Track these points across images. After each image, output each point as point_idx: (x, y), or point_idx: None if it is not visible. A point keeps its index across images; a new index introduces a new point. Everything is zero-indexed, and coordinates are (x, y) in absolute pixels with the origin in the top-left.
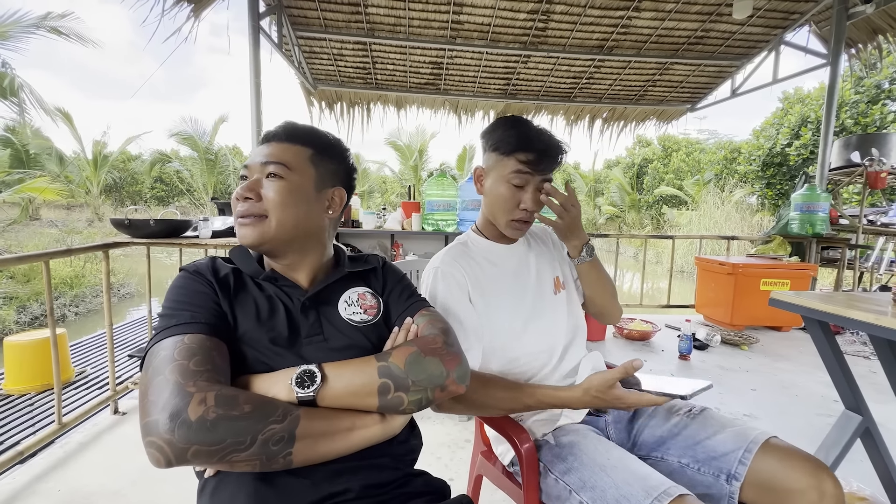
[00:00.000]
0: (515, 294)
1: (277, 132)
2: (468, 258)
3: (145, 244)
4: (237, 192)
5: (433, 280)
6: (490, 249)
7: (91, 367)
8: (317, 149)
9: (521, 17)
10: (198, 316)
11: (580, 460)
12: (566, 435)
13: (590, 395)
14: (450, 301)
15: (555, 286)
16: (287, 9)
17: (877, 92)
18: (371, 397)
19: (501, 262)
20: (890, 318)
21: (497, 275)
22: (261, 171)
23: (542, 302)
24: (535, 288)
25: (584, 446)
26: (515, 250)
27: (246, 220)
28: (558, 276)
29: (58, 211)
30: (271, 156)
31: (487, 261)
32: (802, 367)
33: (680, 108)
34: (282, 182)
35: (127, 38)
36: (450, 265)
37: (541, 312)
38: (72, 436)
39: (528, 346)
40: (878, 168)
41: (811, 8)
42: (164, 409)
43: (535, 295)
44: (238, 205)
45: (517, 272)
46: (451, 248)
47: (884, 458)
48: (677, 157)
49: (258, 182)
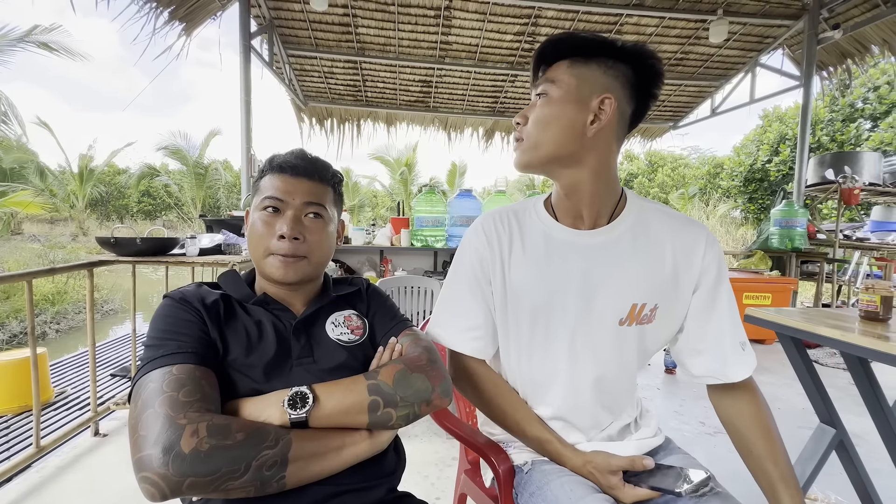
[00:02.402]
0: (541, 297)
1: (309, 169)
2: (505, 229)
3: (131, 262)
4: (286, 230)
5: (459, 248)
6: (550, 229)
7: (72, 387)
8: (335, 189)
9: (508, 39)
10: (185, 345)
11: (544, 496)
12: (543, 466)
13: (586, 470)
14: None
15: (629, 315)
16: (278, 28)
17: (850, 111)
18: (361, 415)
19: (543, 247)
20: (856, 335)
21: (526, 262)
22: (300, 209)
23: (588, 325)
24: (593, 303)
25: (551, 482)
26: (579, 239)
27: (290, 260)
28: (644, 304)
29: (41, 225)
30: (314, 196)
31: (523, 240)
32: (785, 380)
33: (663, 125)
34: (321, 223)
35: (114, 52)
36: (478, 235)
37: (572, 337)
38: (49, 459)
39: (532, 372)
40: (850, 185)
41: (783, 33)
42: (157, 444)
43: (579, 310)
44: (284, 244)
45: (559, 270)
46: (495, 213)
47: (858, 470)
48: (662, 171)
49: (299, 220)
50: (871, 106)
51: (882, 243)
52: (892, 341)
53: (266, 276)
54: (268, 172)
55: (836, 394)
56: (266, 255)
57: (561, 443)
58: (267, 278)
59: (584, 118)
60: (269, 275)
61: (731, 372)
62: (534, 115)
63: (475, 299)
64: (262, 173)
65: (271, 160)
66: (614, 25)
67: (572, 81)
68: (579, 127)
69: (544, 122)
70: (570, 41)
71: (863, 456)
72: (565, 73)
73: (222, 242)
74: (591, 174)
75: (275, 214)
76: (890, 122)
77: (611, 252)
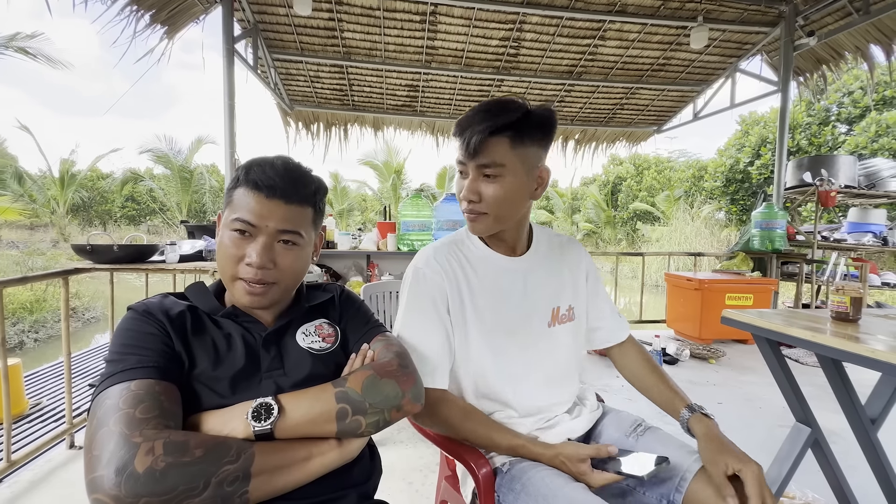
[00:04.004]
0: (499, 316)
1: (287, 190)
2: (454, 262)
3: (108, 270)
4: (255, 259)
5: (412, 280)
6: (484, 257)
7: (48, 398)
8: (316, 207)
9: (494, 44)
10: (145, 360)
11: (526, 490)
12: (522, 462)
13: (558, 461)
14: (422, 309)
15: (552, 317)
16: (263, 32)
17: (826, 115)
18: (329, 424)
19: (493, 273)
20: (827, 336)
21: (484, 286)
22: (273, 235)
23: (529, 332)
24: (527, 313)
25: (531, 476)
26: (516, 264)
27: (258, 288)
28: (559, 307)
29: (20, 231)
30: (290, 223)
31: (476, 269)
32: (766, 380)
33: (647, 129)
34: (295, 249)
35: (93, 53)
36: (433, 268)
37: (525, 344)
38: (21, 474)
39: (497, 376)
40: (827, 188)
41: (761, 39)
42: (110, 464)
43: (524, 321)
44: (251, 270)
45: (509, 289)
46: (439, 248)
47: (833, 467)
48: (649, 174)
49: (271, 248)
50: (847, 110)
51: (858, 244)
52: (862, 342)
53: (234, 299)
54: (242, 184)
55: (814, 392)
56: (233, 279)
57: (531, 443)
58: (235, 302)
59: (531, 188)
60: (236, 299)
61: (620, 335)
62: (491, 194)
63: (437, 331)
64: (237, 182)
65: (248, 170)
66: (598, 32)
67: (517, 162)
68: (528, 195)
69: (505, 200)
70: (503, 120)
71: (840, 453)
72: (509, 154)
73: (203, 248)
74: (523, 218)
75: (244, 238)
76: (864, 125)
77: (535, 271)
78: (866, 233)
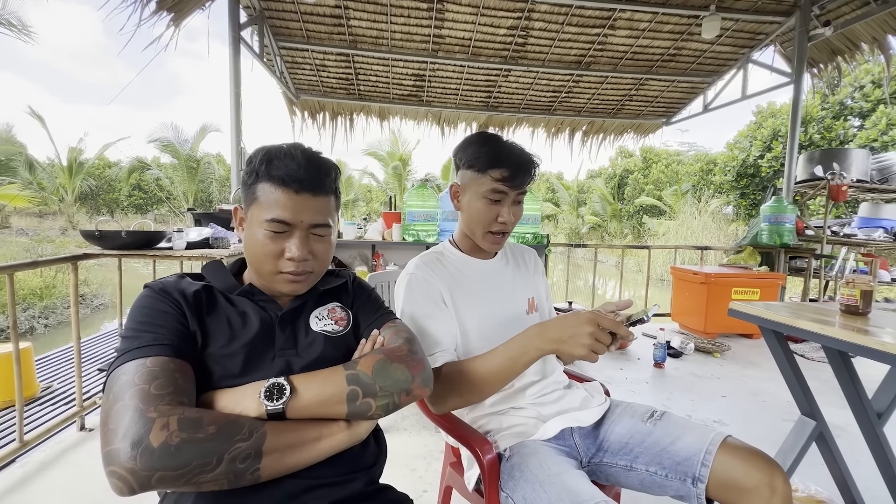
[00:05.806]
0: (488, 308)
1: (315, 182)
2: (441, 267)
3: (116, 256)
4: (297, 254)
5: (407, 287)
6: (465, 262)
7: (59, 381)
8: (336, 195)
9: (501, 33)
10: (160, 337)
11: (525, 477)
12: (523, 449)
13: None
14: (425, 306)
15: (528, 306)
16: (269, 20)
17: (840, 108)
18: (340, 405)
19: (476, 275)
20: (836, 329)
21: (470, 287)
22: (308, 229)
23: (515, 320)
24: (510, 305)
25: (530, 463)
26: (492, 266)
27: (300, 277)
28: (533, 298)
29: (29, 219)
30: (321, 215)
31: (461, 272)
32: (770, 374)
33: (656, 121)
34: (327, 240)
35: (95, 41)
36: (423, 271)
37: (513, 331)
38: (33, 454)
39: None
40: (839, 182)
41: (775, 29)
42: (126, 438)
43: (509, 312)
44: (293, 264)
45: (491, 287)
46: (424, 256)
47: (837, 461)
48: (657, 168)
49: (307, 241)
50: (858, 105)
51: (869, 239)
52: (871, 335)
53: (274, 291)
54: (265, 179)
55: (819, 387)
56: (274, 273)
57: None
58: (275, 293)
59: None
60: (278, 290)
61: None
62: (518, 215)
63: (436, 316)
64: (257, 176)
65: (268, 163)
66: (607, 20)
67: None
68: None
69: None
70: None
71: (844, 447)
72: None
73: (210, 236)
74: None
75: (281, 235)
76: (874, 119)
77: (507, 270)
78: (877, 228)
